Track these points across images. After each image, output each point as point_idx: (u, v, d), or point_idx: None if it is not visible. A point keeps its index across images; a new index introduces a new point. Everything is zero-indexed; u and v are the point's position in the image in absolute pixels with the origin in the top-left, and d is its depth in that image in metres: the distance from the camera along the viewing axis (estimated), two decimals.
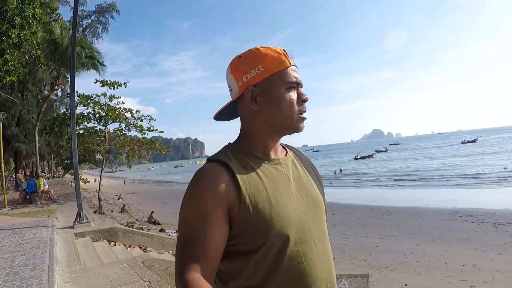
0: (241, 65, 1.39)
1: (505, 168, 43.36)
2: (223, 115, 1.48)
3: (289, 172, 1.45)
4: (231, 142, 1.48)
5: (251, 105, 1.37)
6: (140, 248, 9.52)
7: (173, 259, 8.17)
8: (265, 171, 1.38)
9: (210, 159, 1.37)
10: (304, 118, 1.41)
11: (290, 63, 1.39)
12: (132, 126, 20.08)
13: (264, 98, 1.36)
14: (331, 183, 44.71)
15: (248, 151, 1.41)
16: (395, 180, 44.16)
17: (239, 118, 1.49)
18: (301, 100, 1.40)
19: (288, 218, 1.30)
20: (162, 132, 21.41)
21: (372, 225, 18.65)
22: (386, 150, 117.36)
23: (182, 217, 1.28)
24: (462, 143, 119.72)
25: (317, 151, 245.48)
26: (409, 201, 26.97)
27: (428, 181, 41.08)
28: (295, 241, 1.29)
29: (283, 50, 1.40)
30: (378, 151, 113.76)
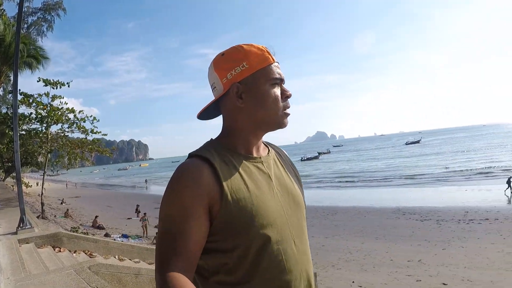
0: (225, 62, 1.38)
1: (447, 168, 45.19)
2: (205, 113, 1.48)
3: (271, 171, 1.45)
4: (213, 138, 1.46)
5: (236, 101, 1.37)
6: (85, 253, 9.26)
7: (120, 263, 8.03)
8: (247, 169, 1.37)
9: (192, 155, 1.36)
10: (288, 114, 1.42)
11: (273, 59, 1.39)
12: (75, 127, 19.54)
13: (249, 94, 1.36)
14: None
15: (230, 148, 1.40)
16: (339, 181, 45.10)
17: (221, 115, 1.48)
18: (285, 96, 1.41)
19: (269, 216, 1.30)
20: (105, 135, 20.97)
21: (317, 225, 18.96)
22: (329, 152, 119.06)
23: (163, 211, 1.26)
24: (406, 144, 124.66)
25: None
26: (354, 201, 27.67)
27: (371, 181, 42.26)
28: (275, 239, 1.30)
29: (265, 47, 1.41)
30: (320, 153, 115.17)
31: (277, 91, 1.38)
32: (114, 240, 12.65)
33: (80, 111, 19.69)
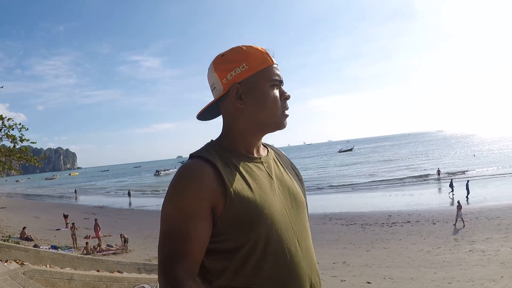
0: (225, 63, 1.40)
1: (373, 174, 46.98)
2: (204, 114, 1.50)
3: (271, 171, 1.46)
4: (214, 140, 1.47)
5: (236, 102, 1.38)
6: (16, 262, 9.26)
7: (53, 270, 8.16)
8: (248, 170, 1.38)
9: (193, 155, 1.37)
10: (287, 115, 1.44)
11: (273, 61, 1.42)
12: (3, 135, 18.97)
13: (249, 95, 1.37)
14: None
15: (231, 149, 1.41)
16: None
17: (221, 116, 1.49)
18: (284, 97, 1.43)
19: (273, 215, 1.32)
20: (34, 142, 20.45)
21: None
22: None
23: (165, 213, 1.27)
24: (339, 152, 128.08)
25: (182, 162, 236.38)
26: None
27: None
28: (279, 239, 1.31)
29: (264, 49, 1.44)
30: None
31: (276, 92, 1.40)
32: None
33: (9, 119, 19.15)
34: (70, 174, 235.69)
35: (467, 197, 25.41)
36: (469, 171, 43.37)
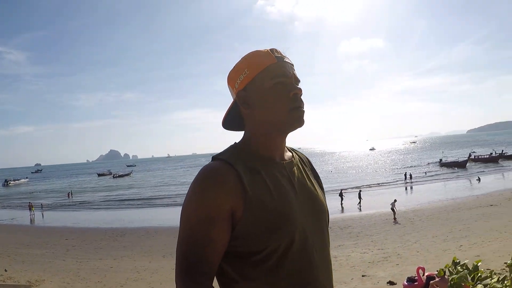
0: (232, 73, 1.41)
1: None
2: (235, 125, 1.50)
3: (294, 177, 1.41)
4: (236, 142, 1.45)
5: (243, 108, 1.38)
6: None
7: None
8: (270, 174, 1.34)
9: (214, 158, 1.36)
10: (300, 112, 1.37)
11: (274, 59, 1.37)
12: None
13: (252, 99, 1.36)
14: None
15: (253, 153, 1.38)
16: (128, 201, 44.42)
17: None
18: (293, 93, 1.35)
19: (292, 223, 1.28)
20: None
21: (106, 247, 18.70)
22: (110, 173, 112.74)
23: (185, 215, 1.26)
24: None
25: (38, 171, 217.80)
26: (143, 221, 27.75)
27: (162, 200, 42.80)
28: (298, 246, 1.28)
29: (270, 49, 1.41)
30: (100, 174, 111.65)
31: (279, 89, 1.34)
32: None
33: None
34: None
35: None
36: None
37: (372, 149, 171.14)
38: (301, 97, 1.38)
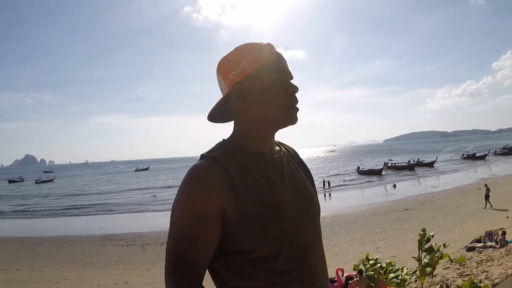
0: (226, 64, 1.39)
1: (154, 196, 47.16)
2: (220, 117, 1.49)
3: (284, 171, 1.41)
4: (225, 139, 1.43)
5: (238, 102, 1.36)
6: None
7: None
8: (260, 170, 1.34)
9: (203, 156, 1.35)
10: (295, 109, 1.39)
11: (274, 55, 1.37)
12: None
13: (250, 93, 1.34)
14: None
15: (241, 148, 1.38)
16: (44, 211, 42.58)
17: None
18: (291, 91, 1.37)
19: (284, 218, 1.29)
20: None
21: (23, 257, 17.92)
22: (22, 180, 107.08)
23: (175, 214, 1.25)
24: (135, 171, 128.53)
25: None
26: (61, 230, 26.70)
27: (83, 209, 41.43)
28: (293, 240, 1.29)
29: (268, 43, 1.41)
30: (11, 181, 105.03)
31: (279, 86, 1.35)
32: None
33: None
34: None
35: None
36: None
37: None
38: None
